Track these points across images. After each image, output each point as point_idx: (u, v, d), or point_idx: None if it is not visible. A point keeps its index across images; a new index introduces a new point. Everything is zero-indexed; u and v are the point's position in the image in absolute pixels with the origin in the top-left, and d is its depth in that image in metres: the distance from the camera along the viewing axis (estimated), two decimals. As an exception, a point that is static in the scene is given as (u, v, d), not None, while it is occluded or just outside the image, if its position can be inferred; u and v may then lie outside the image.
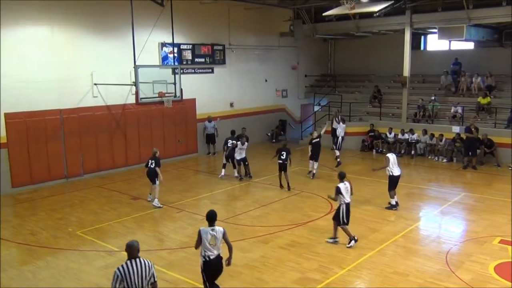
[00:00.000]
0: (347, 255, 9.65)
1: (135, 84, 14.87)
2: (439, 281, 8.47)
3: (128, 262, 5.75)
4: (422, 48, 25.24)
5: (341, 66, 27.61)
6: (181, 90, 16.14)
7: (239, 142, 16.01)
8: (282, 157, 14.60)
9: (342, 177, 10.30)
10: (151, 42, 16.99)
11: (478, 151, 17.74)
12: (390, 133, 20.65)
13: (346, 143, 21.80)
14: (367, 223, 11.60)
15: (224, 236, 7.24)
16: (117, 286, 5.62)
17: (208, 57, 20.65)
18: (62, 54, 15.70)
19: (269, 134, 24.09)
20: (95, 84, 16.60)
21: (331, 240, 10.30)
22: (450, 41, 23.22)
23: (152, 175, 13.11)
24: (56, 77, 15.59)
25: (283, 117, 25.07)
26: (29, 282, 8.70)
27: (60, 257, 9.85)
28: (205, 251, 7.16)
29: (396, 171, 12.52)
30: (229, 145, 16.28)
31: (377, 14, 19.63)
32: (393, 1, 18.83)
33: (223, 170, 16.49)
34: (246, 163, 16.42)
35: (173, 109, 17.73)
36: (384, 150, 20.62)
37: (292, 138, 24.66)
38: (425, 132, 19.69)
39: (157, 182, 13.10)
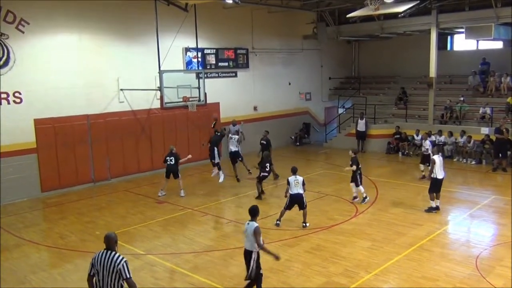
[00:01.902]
0: (373, 259, 9.51)
1: (160, 89, 15.07)
2: (469, 286, 8.27)
3: (103, 251, 6.09)
4: (448, 48, 24.82)
5: (366, 68, 27.35)
6: (205, 94, 16.27)
7: (230, 134, 16.23)
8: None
9: (293, 172, 11.47)
10: (175, 47, 17.20)
11: (508, 152, 17.28)
12: (417, 135, 20.28)
13: (372, 145, 21.62)
14: (394, 226, 11.42)
15: (254, 234, 7.42)
16: (91, 271, 6.11)
17: (232, 61, 20.74)
18: (89, 61, 16.01)
19: (293, 137, 24.02)
20: (121, 89, 16.87)
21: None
22: (477, 41, 22.75)
23: (174, 171, 14.56)
24: (84, 83, 15.92)
25: (307, 120, 24.96)
26: (58, 284, 8.86)
27: (88, 260, 9.86)
28: (245, 240, 7.74)
29: (440, 174, 12.29)
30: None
31: (402, 14, 19.36)
32: (418, 1, 18.52)
33: (219, 173, 15.79)
34: (240, 158, 16.33)
35: (197, 113, 17.88)
36: (411, 153, 20.33)
37: (316, 141, 24.56)
38: (451, 134, 19.30)
39: (180, 176, 14.66)
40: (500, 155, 17.24)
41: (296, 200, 11.36)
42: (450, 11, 19.41)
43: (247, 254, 7.54)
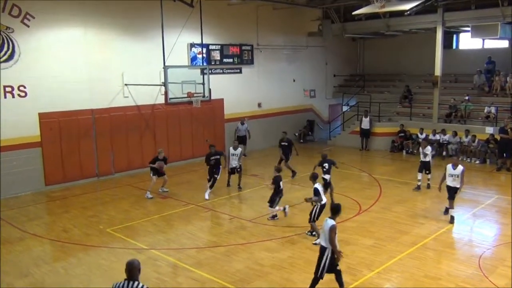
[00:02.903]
0: (376, 257, 9.51)
1: (165, 84, 15.06)
2: (471, 285, 8.26)
3: (124, 283, 5.24)
4: (454, 46, 24.70)
5: (371, 66, 27.27)
6: (210, 90, 16.25)
7: (231, 148, 15.12)
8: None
9: (314, 178, 10.67)
10: (180, 42, 17.19)
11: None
12: (421, 134, 20.24)
13: (376, 143, 21.59)
14: (397, 225, 11.41)
15: (330, 231, 7.48)
16: None
17: (236, 57, 20.72)
18: (94, 55, 16.03)
19: (296, 134, 23.99)
20: (126, 84, 16.89)
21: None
22: (483, 40, 22.64)
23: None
24: (89, 77, 15.94)
25: (311, 117, 24.93)
26: (61, 278, 8.91)
27: (91, 254, 10.06)
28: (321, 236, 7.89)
29: (449, 181, 11.68)
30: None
31: (408, 12, 19.25)
32: (424, -1, 18.48)
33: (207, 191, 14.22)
34: (239, 169, 15.04)
35: (201, 109, 17.88)
36: (415, 151, 20.28)
37: (320, 139, 24.53)
38: (455, 134, 19.23)
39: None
40: (505, 154, 17.18)
41: (324, 209, 10.40)
42: (456, 9, 19.30)
43: (322, 250, 7.63)
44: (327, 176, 12.99)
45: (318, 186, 10.44)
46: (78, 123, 15.78)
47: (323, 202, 10.30)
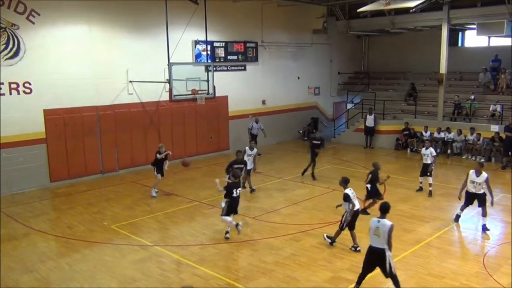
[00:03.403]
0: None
1: (169, 81, 15.08)
2: (476, 284, 8.24)
3: None
4: (459, 44, 24.58)
5: (375, 63, 27.19)
6: (214, 87, 16.27)
7: (247, 148, 14.44)
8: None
9: (346, 183, 9.93)
10: (185, 40, 17.21)
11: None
12: (426, 132, 20.18)
13: (380, 141, 21.55)
14: (401, 223, 11.37)
15: (389, 232, 7.28)
16: None
17: (241, 55, 20.70)
18: (99, 52, 16.05)
19: (300, 131, 23.98)
20: (130, 81, 16.91)
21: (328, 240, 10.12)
22: (489, 37, 22.52)
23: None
24: (93, 74, 15.97)
25: (315, 114, 24.90)
26: (66, 273, 8.95)
27: (95, 250, 10.10)
28: (370, 239, 7.55)
29: (471, 187, 11.15)
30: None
31: (413, 9, 19.19)
32: (430, -3, 18.40)
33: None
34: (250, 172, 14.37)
35: (205, 106, 17.91)
36: (419, 149, 20.21)
37: (324, 136, 24.43)
38: (460, 132, 19.16)
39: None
40: (510, 153, 17.09)
41: (357, 216, 9.99)
42: (462, 7, 19.20)
43: (379, 253, 7.37)
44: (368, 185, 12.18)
45: (349, 191, 9.71)
46: (83, 120, 15.82)
47: (355, 208, 9.67)
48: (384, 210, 7.56)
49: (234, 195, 10.37)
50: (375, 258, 7.42)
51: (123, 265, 9.29)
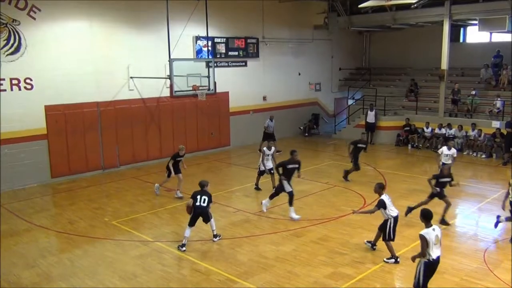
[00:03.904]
0: (380, 251, 9.50)
1: (170, 77, 15.07)
2: (476, 279, 8.25)
3: None
4: (461, 40, 24.54)
5: (377, 59, 27.14)
6: (215, 83, 16.24)
7: (265, 148, 14.05)
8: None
9: (382, 189, 9.26)
10: (186, 35, 17.21)
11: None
12: (427, 128, 20.18)
13: (381, 137, 21.54)
14: (402, 219, 11.32)
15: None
16: None
17: (242, 51, 20.67)
18: (100, 48, 16.04)
19: (301, 127, 23.97)
20: (131, 77, 16.91)
21: (391, 261, 9.09)
22: (491, 33, 22.44)
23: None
24: (94, 70, 15.97)
25: (316, 110, 24.88)
26: (67, 269, 8.98)
27: (96, 246, 10.13)
28: (431, 254, 6.85)
29: None
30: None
31: (415, 5, 19.16)
32: (431, -8, 18.35)
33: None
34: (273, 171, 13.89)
35: (206, 102, 17.90)
36: (421, 145, 20.23)
37: (325, 132, 24.49)
38: (461, 127, 19.15)
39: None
40: (511, 149, 17.07)
41: (397, 222, 9.28)
42: (464, 2, 19.12)
43: (438, 261, 7.01)
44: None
45: (385, 197, 9.08)
46: (84, 115, 15.83)
47: (394, 215, 9.05)
48: (429, 216, 7.06)
49: (197, 203, 9.75)
50: (436, 267, 6.97)
51: (124, 261, 9.32)
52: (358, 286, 8.08)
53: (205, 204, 9.80)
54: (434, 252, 6.83)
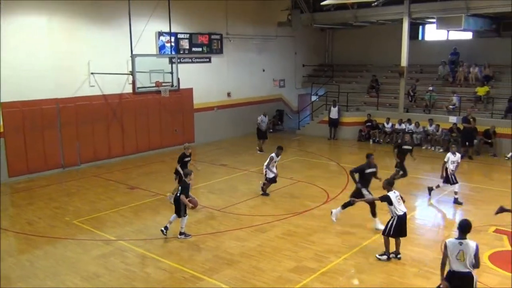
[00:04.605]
0: (343, 244, 9.71)
1: (132, 73, 14.84)
2: (434, 269, 8.51)
3: None
4: (420, 38, 25.18)
5: (339, 56, 27.54)
6: (178, 79, 16.12)
7: (273, 154, 13.11)
8: None
9: (390, 185, 9.03)
10: (148, 31, 16.98)
11: (475, 141, 17.78)
12: (387, 123, 20.68)
13: (344, 133, 21.90)
14: (364, 212, 11.59)
15: (476, 254, 6.30)
16: None
17: (206, 47, 20.55)
18: (59, 43, 15.60)
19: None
20: (92, 73, 16.52)
21: (383, 257, 9.00)
22: (448, 31, 23.16)
23: None
24: (53, 66, 15.51)
25: (280, 107, 25.04)
26: (26, 270, 8.72)
27: (57, 246, 9.88)
28: (450, 264, 6.45)
29: None
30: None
31: (375, 3, 19.54)
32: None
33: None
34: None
35: (170, 99, 17.72)
36: (381, 140, 20.70)
37: (289, 128, 24.69)
38: (418, 124, 19.72)
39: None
40: (467, 143, 17.72)
41: (403, 224, 8.95)
42: (422, 1, 19.60)
43: (466, 277, 6.33)
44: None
45: (392, 194, 8.81)
46: (42, 112, 15.36)
47: (400, 213, 8.74)
48: (465, 229, 6.50)
49: (178, 194, 9.89)
50: (461, 284, 6.38)
51: (86, 261, 9.13)
52: (321, 279, 8.21)
53: (178, 194, 9.81)
54: (452, 265, 6.44)
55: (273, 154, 13.10)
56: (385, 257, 8.94)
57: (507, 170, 15.91)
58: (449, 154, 12.53)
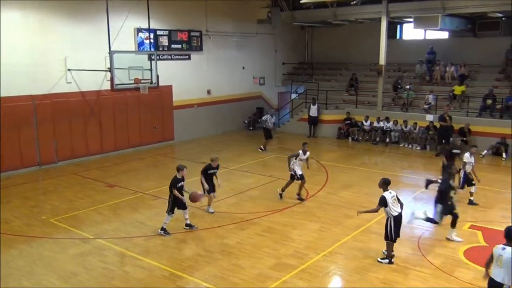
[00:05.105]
0: (322, 241, 9.80)
1: (110, 70, 14.66)
2: (410, 265, 8.70)
3: None
4: (398, 37, 25.50)
5: (319, 54, 27.70)
6: (158, 76, 16.00)
7: (300, 151, 12.51)
8: None
9: (387, 184, 8.89)
10: (127, 27, 16.79)
11: (451, 139, 18.11)
12: (366, 121, 20.92)
13: (323, 130, 22.07)
14: (343, 209, 11.78)
15: None
16: None
17: (185, 44, 20.42)
18: (35, 39, 15.30)
19: (246, 121, 24.08)
20: (69, 69, 16.26)
21: (384, 261, 8.85)
22: (425, 30, 23.52)
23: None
24: (29, 62, 15.21)
25: (260, 104, 25.06)
26: (2, 270, 8.54)
27: (33, 245, 9.72)
28: (493, 269, 6.22)
29: None
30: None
31: (354, 2, 19.70)
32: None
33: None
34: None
35: (149, 96, 17.55)
36: (360, 138, 20.93)
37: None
38: (396, 122, 20.00)
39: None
40: (443, 141, 18.04)
41: (399, 224, 8.83)
42: (400, 0, 19.87)
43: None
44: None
45: (388, 194, 8.67)
46: (18, 109, 15.05)
47: (395, 214, 8.62)
48: (509, 236, 6.11)
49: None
50: None
51: (63, 260, 9.01)
52: (301, 276, 8.28)
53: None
54: (492, 272, 6.25)
55: (300, 151, 12.43)
56: (386, 261, 8.78)
57: (481, 168, 16.27)
58: (467, 155, 12.20)
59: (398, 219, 8.71)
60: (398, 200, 8.82)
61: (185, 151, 19.01)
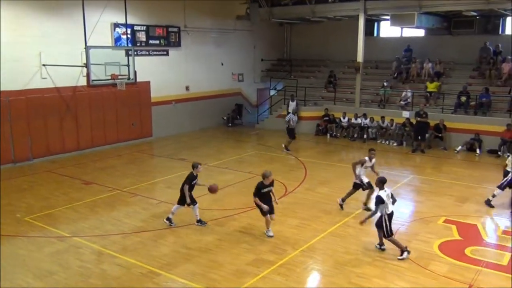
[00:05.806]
0: (300, 236, 9.86)
1: (87, 65, 14.43)
2: (386, 259, 8.83)
3: None
4: (375, 34, 25.76)
5: (297, 51, 27.78)
6: (135, 72, 15.83)
7: (366, 158, 11.40)
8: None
9: (383, 183, 9.03)
10: (103, 22, 16.53)
11: (427, 135, 18.42)
12: (344, 118, 21.10)
13: (301, 127, 22.15)
14: (321, 205, 11.87)
15: None
16: None
17: (163, 39, 20.24)
18: (7, 33, 14.92)
19: (225, 118, 24.03)
20: (44, 65, 15.95)
21: (404, 255, 8.87)
22: (402, 28, 23.81)
23: None
24: (2, 57, 14.84)
25: (239, 101, 25.04)
26: (-26, 270, 8.38)
27: (7, 244, 9.52)
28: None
29: None
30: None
31: (332, -1, 19.80)
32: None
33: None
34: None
35: (126, 92, 17.31)
36: (338, 135, 21.10)
37: (248, 122, 24.73)
38: (372, 119, 20.23)
39: None
40: (419, 137, 18.33)
41: (392, 217, 9.05)
42: (377, -2, 20.10)
43: None
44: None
45: (383, 193, 8.88)
46: (-9, 105, 14.73)
47: (388, 212, 8.86)
48: None
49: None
50: None
51: (39, 258, 8.86)
52: (279, 271, 8.32)
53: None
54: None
55: (366, 158, 11.42)
56: (405, 253, 8.79)
57: (455, 163, 16.65)
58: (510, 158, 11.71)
59: (390, 216, 8.99)
60: (392, 196, 9.10)
61: (163, 147, 18.87)
